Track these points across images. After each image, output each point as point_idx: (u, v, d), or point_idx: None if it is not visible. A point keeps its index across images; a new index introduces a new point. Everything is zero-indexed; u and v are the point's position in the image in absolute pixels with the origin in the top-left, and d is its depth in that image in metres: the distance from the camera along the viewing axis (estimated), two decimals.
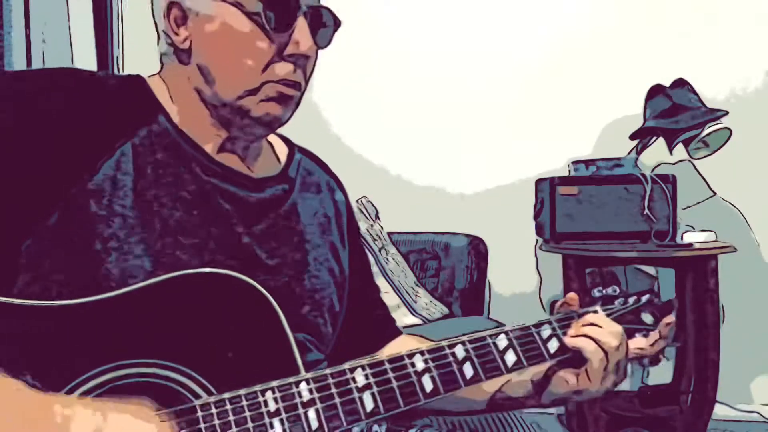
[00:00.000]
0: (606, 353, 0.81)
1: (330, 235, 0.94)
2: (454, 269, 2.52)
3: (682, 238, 2.26)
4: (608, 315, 0.88)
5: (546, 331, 0.84)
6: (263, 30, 0.77)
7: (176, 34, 0.80)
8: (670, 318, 0.90)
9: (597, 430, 2.20)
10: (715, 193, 2.61)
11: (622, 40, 2.65)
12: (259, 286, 0.72)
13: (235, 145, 0.85)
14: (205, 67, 0.79)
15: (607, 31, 2.68)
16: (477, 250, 2.54)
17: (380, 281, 2.23)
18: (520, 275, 2.74)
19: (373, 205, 2.49)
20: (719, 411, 2.37)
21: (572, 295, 0.89)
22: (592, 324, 0.83)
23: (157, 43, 0.85)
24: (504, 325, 0.84)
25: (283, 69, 0.79)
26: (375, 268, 2.23)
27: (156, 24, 0.84)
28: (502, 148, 2.74)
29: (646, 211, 2.25)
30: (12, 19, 2.37)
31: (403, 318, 2.24)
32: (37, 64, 2.44)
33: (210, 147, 0.83)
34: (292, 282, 0.84)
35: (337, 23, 0.83)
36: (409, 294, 2.33)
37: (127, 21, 2.97)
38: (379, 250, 2.34)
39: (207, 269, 0.72)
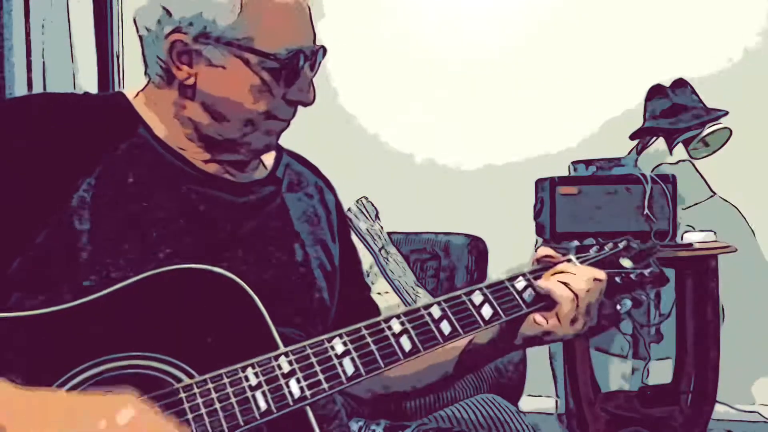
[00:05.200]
0: (576, 296, 0.81)
1: (320, 233, 0.95)
2: (454, 269, 2.52)
3: (682, 238, 2.26)
4: (584, 262, 0.88)
5: (521, 283, 0.84)
6: (274, 84, 0.82)
7: (179, 69, 0.81)
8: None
9: (597, 430, 2.20)
10: (715, 193, 2.61)
11: (623, 40, 2.65)
12: (234, 276, 0.73)
13: (221, 159, 0.88)
14: (213, 108, 0.82)
15: (608, 30, 2.68)
16: (477, 250, 2.54)
17: (380, 281, 2.23)
18: None
19: (373, 205, 2.49)
20: (719, 411, 2.37)
21: (545, 249, 0.89)
22: (563, 272, 0.85)
23: (143, 61, 0.86)
24: None
25: (285, 113, 0.85)
26: (375, 268, 2.23)
27: (141, 43, 0.84)
28: (502, 148, 2.74)
29: (646, 211, 2.25)
30: (12, 19, 2.37)
31: None
32: (37, 65, 2.44)
33: (196, 156, 0.85)
34: (280, 281, 0.86)
35: (324, 53, 0.87)
36: (409, 294, 2.33)
37: (127, 21, 2.97)
38: (379, 250, 2.34)
39: (183, 265, 0.73)
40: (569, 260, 0.88)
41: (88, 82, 2.67)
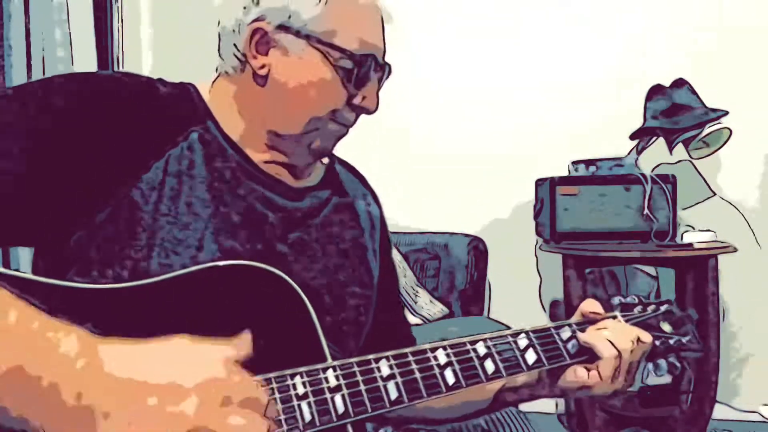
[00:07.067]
0: (619, 353, 0.82)
1: (363, 247, 0.95)
2: (454, 269, 2.52)
3: (682, 238, 2.26)
4: (627, 321, 0.89)
5: (566, 333, 0.85)
6: (345, 83, 0.83)
7: (254, 58, 0.83)
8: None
9: (597, 430, 2.20)
10: (715, 193, 2.61)
11: (622, 40, 2.65)
12: (289, 280, 0.74)
13: (282, 162, 0.89)
14: (279, 99, 0.83)
15: (608, 30, 2.68)
16: (477, 250, 2.54)
17: None
18: (520, 275, 2.74)
19: None
20: (719, 411, 2.37)
21: (592, 303, 0.90)
22: (607, 328, 0.85)
23: (218, 53, 0.87)
24: (504, 324, 0.84)
25: (347, 117, 0.87)
26: None
27: (219, 36, 0.87)
28: (502, 148, 2.74)
29: (646, 211, 2.25)
30: (12, 19, 2.37)
31: None
32: (37, 64, 2.44)
33: (257, 157, 0.86)
34: (321, 291, 0.86)
35: (390, 72, 0.90)
36: (409, 294, 2.33)
37: (127, 21, 2.97)
38: None
39: (240, 261, 0.74)
40: (614, 317, 0.89)
41: None
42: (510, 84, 2.75)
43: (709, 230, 2.29)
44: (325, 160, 0.99)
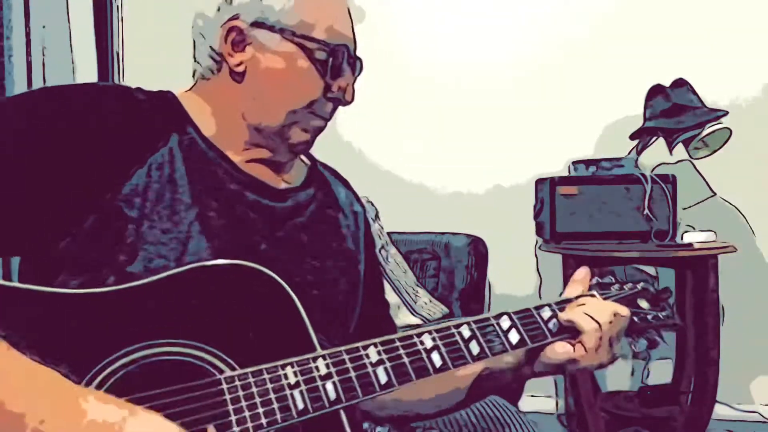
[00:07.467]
0: (599, 325, 0.84)
1: (347, 245, 0.97)
2: (454, 269, 2.52)
3: (682, 238, 2.26)
4: (606, 299, 0.92)
5: (546, 312, 0.87)
6: (321, 75, 0.86)
7: (231, 56, 0.86)
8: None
9: (597, 430, 2.20)
10: (715, 193, 2.61)
11: (622, 40, 2.65)
12: (276, 277, 0.76)
13: (263, 160, 0.91)
14: (257, 93, 0.86)
15: (608, 31, 2.68)
16: (477, 250, 2.54)
17: None
18: (520, 275, 2.74)
19: (373, 205, 2.49)
20: (719, 411, 2.37)
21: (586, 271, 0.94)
22: (586, 304, 0.88)
23: (194, 59, 0.90)
24: None
25: (325, 108, 0.90)
26: None
27: (195, 42, 0.89)
28: (502, 148, 2.74)
29: (646, 211, 2.25)
30: (12, 19, 2.37)
31: (403, 318, 2.24)
32: (37, 65, 2.44)
33: (238, 159, 0.88)
34: (308, 287, 0.87)
35: (362, 67, 0.93)
36: (409, 294, 2.33)
37: (127, 21, 2.97)
38: (379, 250, 2.34)
39: (229, 261, 0.76)
40: (592, 295, 0.92)
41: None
42: (509, 84, 2.75)
43: (709, 230, 2.29)
44: (307, 162, 1.00)
